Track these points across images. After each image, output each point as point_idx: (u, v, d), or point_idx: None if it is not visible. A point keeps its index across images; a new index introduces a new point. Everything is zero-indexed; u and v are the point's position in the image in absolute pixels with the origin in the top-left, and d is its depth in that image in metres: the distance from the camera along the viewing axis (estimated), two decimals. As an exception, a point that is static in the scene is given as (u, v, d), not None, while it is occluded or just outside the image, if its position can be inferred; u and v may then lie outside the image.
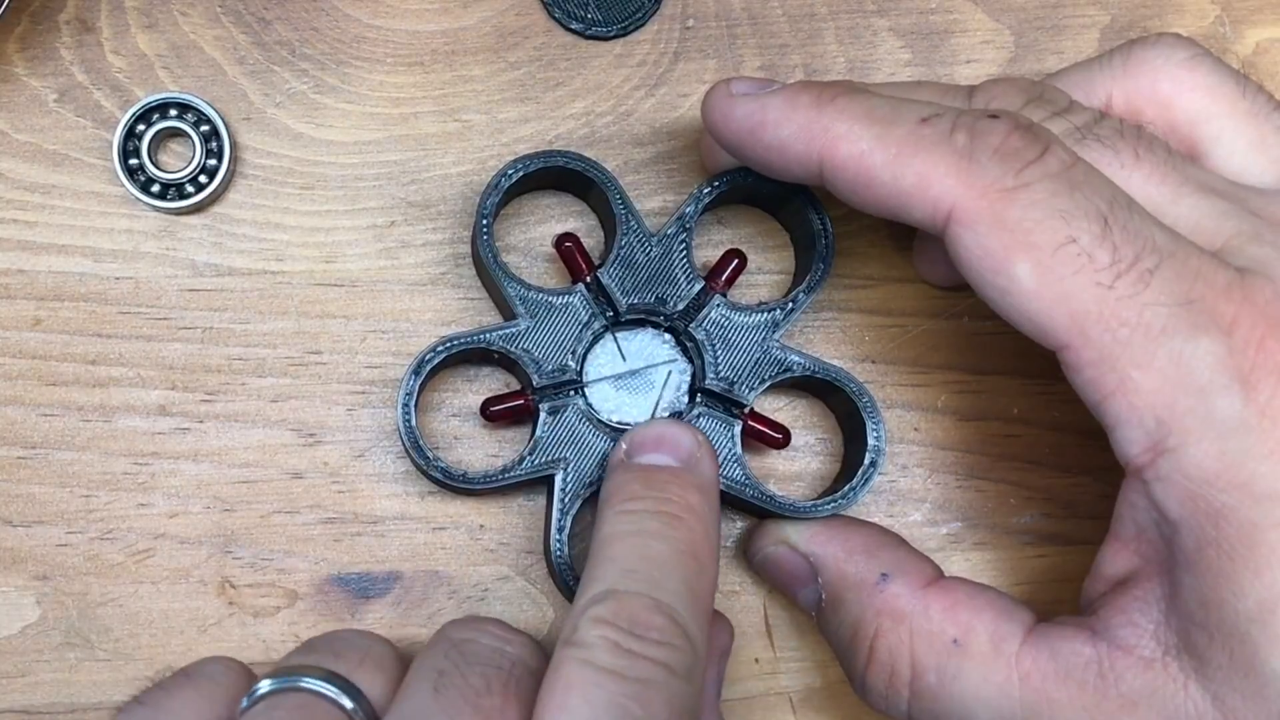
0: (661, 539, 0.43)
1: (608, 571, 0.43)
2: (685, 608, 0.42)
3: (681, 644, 0.41)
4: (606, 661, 0.40)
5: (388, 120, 0.53)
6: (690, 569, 0.43)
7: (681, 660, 0.41)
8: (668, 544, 0.43)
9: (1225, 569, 0.40)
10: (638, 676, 0.40)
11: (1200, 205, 0.43)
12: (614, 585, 0.42)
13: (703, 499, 0.45)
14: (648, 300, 0.50)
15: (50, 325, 0.52)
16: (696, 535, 0.44)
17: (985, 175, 0.41)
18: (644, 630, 0.41)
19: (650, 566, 0.43)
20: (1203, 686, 0.41)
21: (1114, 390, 0.41)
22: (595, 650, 0.40)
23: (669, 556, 0.43)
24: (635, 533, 0.44)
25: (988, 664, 0.44)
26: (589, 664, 0.40)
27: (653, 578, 0.42)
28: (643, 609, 0.41)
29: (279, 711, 0.41)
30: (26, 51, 0.53)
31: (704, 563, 0.44)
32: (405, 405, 0.49)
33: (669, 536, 0.43)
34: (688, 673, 0.41)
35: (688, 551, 0.43)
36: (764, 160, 0.46)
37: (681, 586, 0.42)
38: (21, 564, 0.51)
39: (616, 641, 0.40)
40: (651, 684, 0.40)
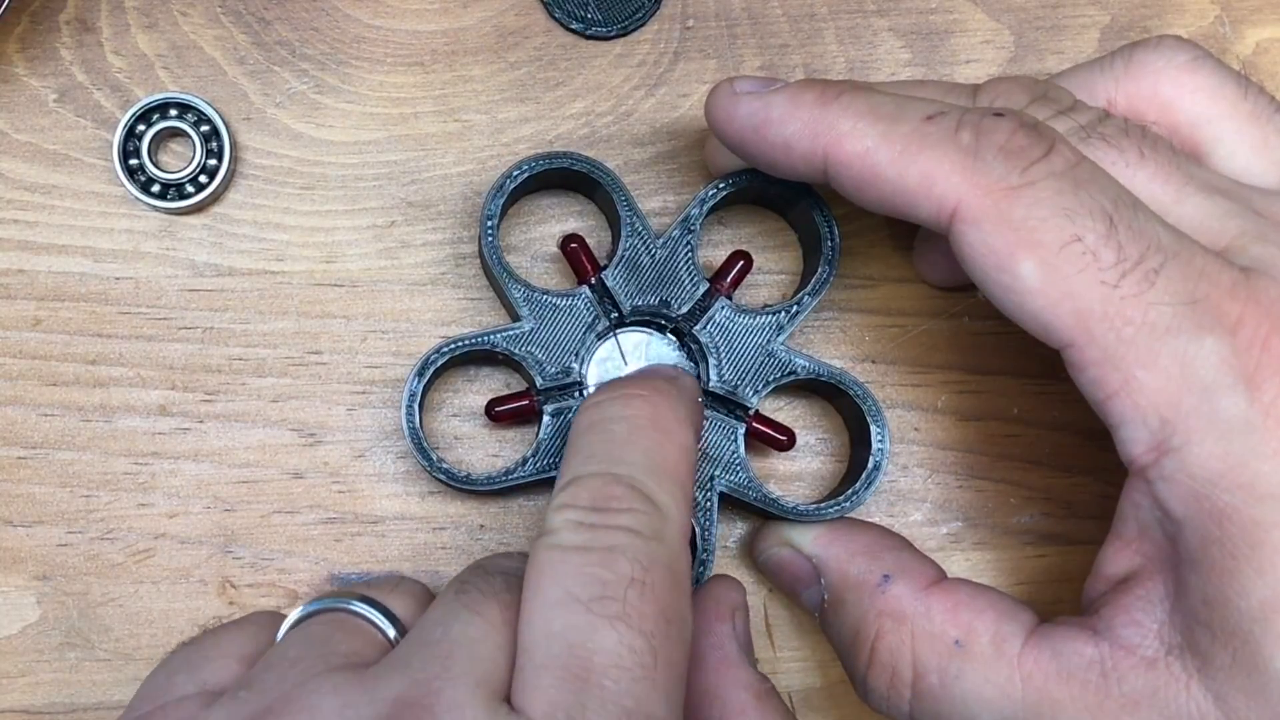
0: (620, 420, 0.44)
1: (571, 464, 0.44)
2: (646, 474, 0.43)
3: (643, 506, 0.42)
4: (570, 540, 0.41)
5: (388, 120, 0.53)
6: (651, 439, 0.44)
7: (646, 522, 0.42)
8: (625, 423, 0.44)
9: (1229, 568, 0.39)
10: (601, 545, 0.41)
11: (1205, 205, 0.43)
12: (575, 473, 0.43)
13: (669, 383, 0.46)
14: (652, 302, 0.50)
15: (50, 325, 0.52)
16: (660, 408, 0.45)
17: (990, 173, 0.41)
18: (604, 503, 0.42)
19: (609, 447, 0.43)
20: (1205, 686, 0.40)
21: (1118, 389, 0.40)
22: (560, 534, 0.41)
23: (626, 433, 0.44)
24: (595, 422, 0.45)
25: (990, 665, 0.43)
26: (555, 547, 0.41)
27: (610, 455, 0.43)
28: (601, 485, 0.42)
29: (316, 625, 0.43)
30: (26, 51, 0.53)
31: (669, 431, 0.44)
32: (409, 407, 0.49)
33: (625, 416, 0.44)
34: (656, 533, 0.41)
35: (647, 425, 0.44)
36: (768, 159, 0.46)
37: (641, 456, 0.43)
38: (22, 564, 0.51)
39: (579, 520, 0.41)
40: (615, 549, 0.41)
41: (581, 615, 0.39)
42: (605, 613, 0.39)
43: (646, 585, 0.40)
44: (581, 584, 0.40)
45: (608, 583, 0.40)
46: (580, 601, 0.39)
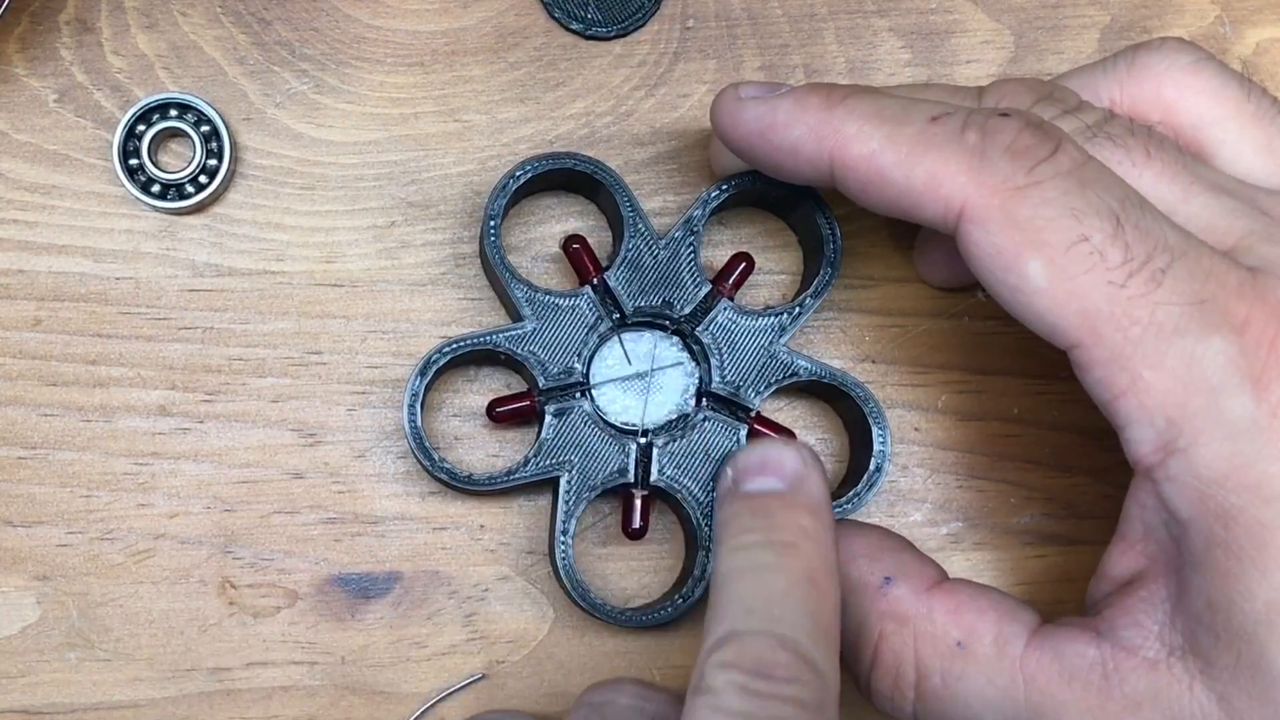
0: (777, 571, 0.42)
1: (727, 613, 0.42)
2: (808, 638, 0.41)
3: (809, 678, 0.40)
4: (736, 706, 0.39)
5: (388, 120, 0.53)
6: (809, 597, 0.42)
7: (811, 694, 0.40)
8: (784, 575, 0.42)
9: (1234, 570, 0.39)
10: (767, 716, 0.39)
11: (1211, 204, 0.43)
12: (734, 626, 0.41)
13: (814, 520, 0.44)
14: (654, 303, 0.50)
15: (50, 325, 0.52)
16: (812, 561, 0.43)
17: (997, 173, 0.41)
18: (769, 669, 0.40)
19: (769, 603, 0.42)
20: (1208, 687, 0.40)
21: (1125, 390, 0.40)
22: (723, 696, 0.40)
23: (786, 589, 0.42)
24: (750, 568, 0.43)
25: (992, 666, 0.43)
26: (719, 710, 0.39)
27: (772, 614, 0.41)
28: (766, 648, 0.40)
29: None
30: (26, 51, 0.53)
31: (823, 588, 0.43)
32: (411, 406, 0.49)
33: (784, 567, 0.42)
34: (819, 705, 0.40)
35: (804, 580, 0.42)
36: (774, 162, 0.46)
37: (802, 618, 0.41)
38: (22, 564, 0.51)
39: (743, 685, 0.40)
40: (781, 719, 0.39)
41: None
42: None
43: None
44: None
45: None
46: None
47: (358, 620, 0.51)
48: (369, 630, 0.51)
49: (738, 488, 0.45)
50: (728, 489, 0.45)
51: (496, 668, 0.51)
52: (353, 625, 0.51)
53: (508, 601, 0.51)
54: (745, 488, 0.45)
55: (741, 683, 0.40)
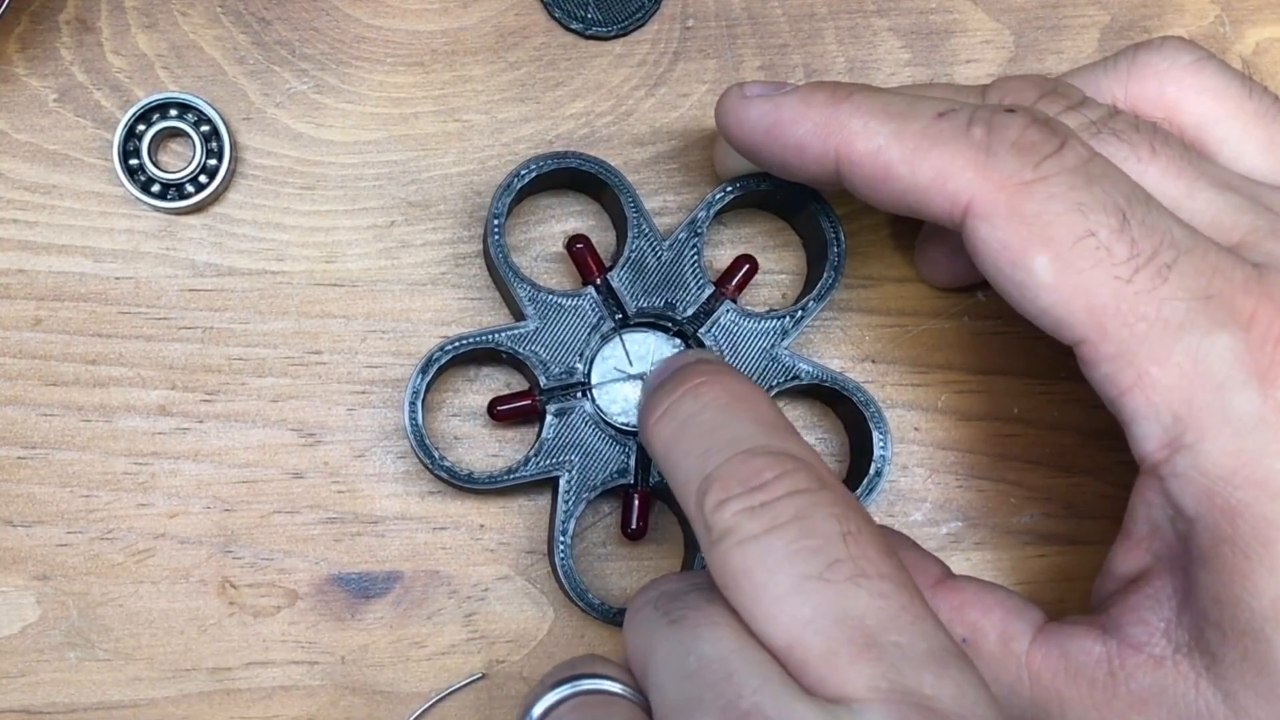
0: (703, 409, 0.42)
1: (689, 469, 0.41)
2: (770, 438, 0.41)
3: (791, 464, 0.40)
4: (755, 528, 0.38)
5: (388, 120, 0.53)
6: (745, 408, 0.42)
7: (806, 477, 0.39)
8: (711, 408, 0.42)
9: (1241, 566, 0.39)
10: (789, 517, 0.38)
11: (1216, 200, 0.42)
12: (704, 471, 0.40)
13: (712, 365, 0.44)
14: (657, 304, 0.50)
15: (50, 325, 0.51)
16: (727, 383, 0.43)
17: (1003, 168, 0.41)
18: (758, 480, 0.39)
19: (714, 434, 0.41)
20: (1214, 684, 0.40)
21: (1131, 385, 0.40)
22: (739, 528, 0.39)
23: (721, 413, 0.42)
24: (681, 424, 0.42)
25: (997, 663, 0.43)
26: (744, 542, 0.38)
27: (725, 439, 0.41)
28: (741, 465, 0.40)
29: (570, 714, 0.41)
30: (26, 51, 0.52)
31: (752, 398, 0.42)
32: (412, 403, 0.49)
33: (707, 402, 0.42)
34: (820, 483, 0.39)
35: (731, 400, 0.42)
36: (780, 160, 0.45)
37: (753, 425, 0.41)
38: (21, 564, 0.51)
39: (747, 506, 0.39)
40: (802, 512, 0.38)
41: (825, 590, 0.37)
42: (842, 576, 0.37)
43: (854, 532, 0.38)
44: (803, 562, 0.38)
45: (822, 548, 0.38)
46: (813, 578, 0.37)
47: (358, 620, 0.51)
48: (369, 630, 0.51)
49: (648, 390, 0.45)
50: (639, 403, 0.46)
51: (496, 668, 0.51)
52: (353, 625, 0.51)
53: (508, 601, 0.51)
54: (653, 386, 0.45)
55: (744, 505, 0.39)
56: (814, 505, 0.39)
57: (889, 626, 0.37)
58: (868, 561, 0.38)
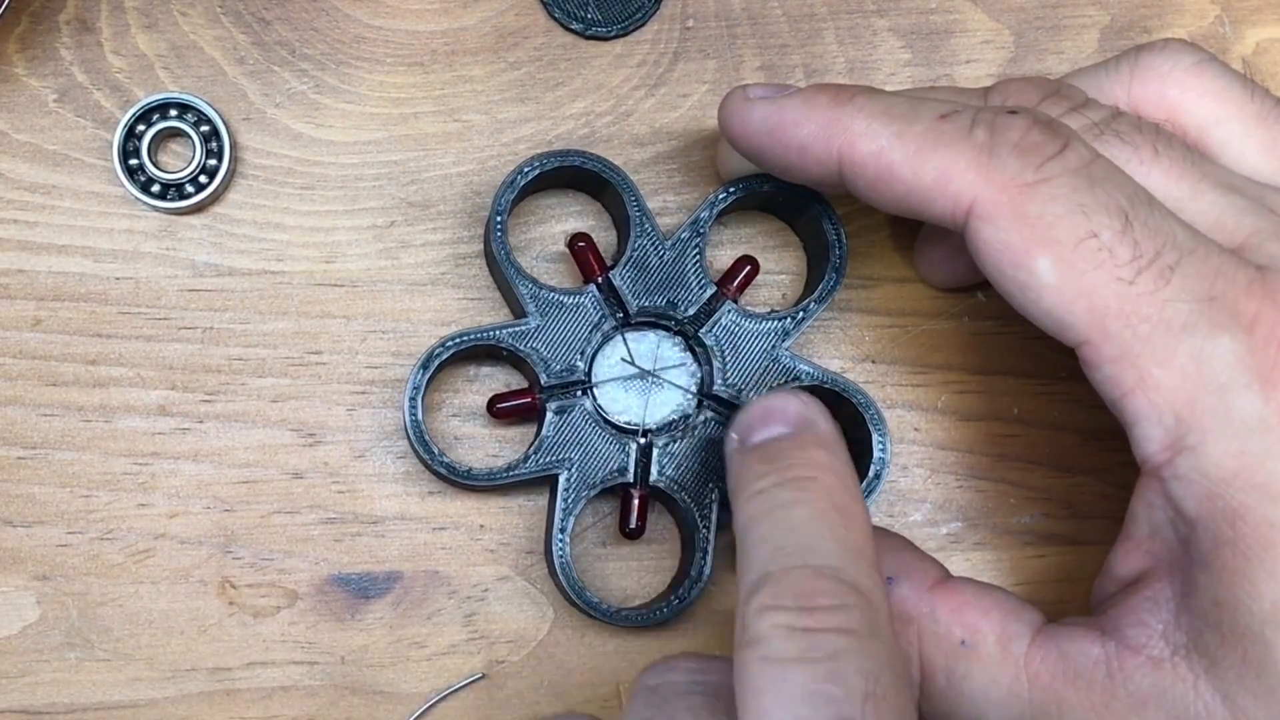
0: (798, 505, 0.41)
1: (756, 558, 0.40)
2: (845, 563, 0.39)
3: (855, 600, 0.38)
4: (786, 651, 0.37)
5: (388, 120, 0.53)
6: (837, 523, 0.40)
7: (860, 618, 0.38)
8: (806, 507, 0.41)
9: (1241, 569, 0.39)
10: (823, 654, 0.37)
11: (1220, 202, 0.42)
12: (767, 568, 0.39)
13: (827, 454, 0.43)
14: (659, 303, 0.50)
15: (50, 325, 0.51)
16: (833, 490, 0.41)
17: (1006, 170, 0.41)
18: (811, 601, 0.38)
19: (796, 536, 0.40)
20: (1213, 686, 0.40)
21: (1133, 387, 0.40)
22: (771, 643, 0.38)
23: (811, 519, 0.40)
24: (770, 510, 0.41)
25: (996, 665, 0.43)
26: (769, 660, 0.37)
27: (802, 545, 0.40)
28: (804, 581, 0.38)
29: None
30: (26, 51, 0.52)
31: (850, 513, 0.41)
32: (412, 400, 0.48)
33: (805, 500, 0.41)
34: (872, 629, 0.38)
35: (828, 509, 0.41)
36: (782, 162, 0.45)
37: (835, 544, 0.40)
38: (21, 564, 0.50)
39: (789, 624, 0.38)
40: (839, 655, 0.37)
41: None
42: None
43: (878, 696, 0.37)
44: (812, 706, 0.36)
45: (839, 701, 0.36)
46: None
47: (358, 620, 0.51)
48: (369, 630, 0.50)
49: (745, 443, 0.44)
50: (734, 448, 0.44)
51: (496, 668, 0.51)
52: (353, 625, 0.51)
53: (508, 601, 0.51)
54: (752, 440, 0.44)
55: (786, 623, 0.38)
56: (853, 652, 0.37)
57: None
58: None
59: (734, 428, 0.45)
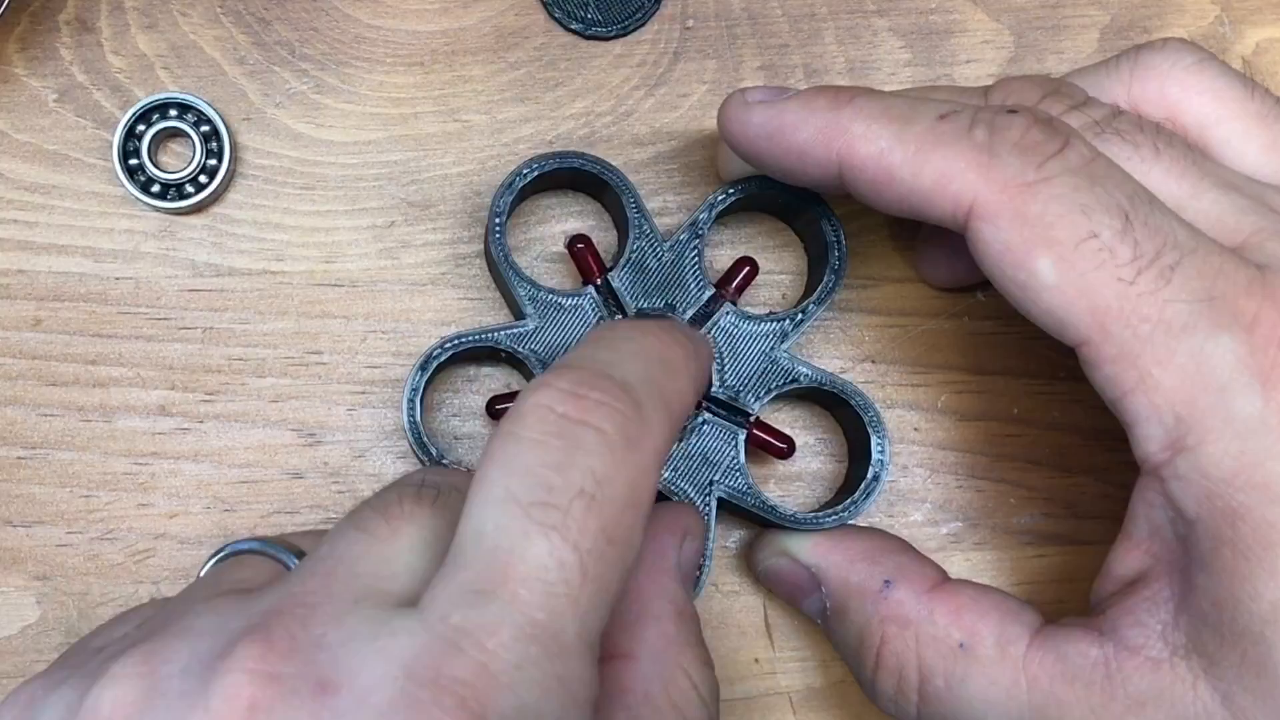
0: (627, 339, 0.39)
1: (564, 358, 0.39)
2: (640, 383, 0.37)
3: (625, 406, 0.37)
4: (532, 431, 0.36)
5: (388, 120, 0.52)
6: (656, 364, 0.39)
7: (622, 423, 0.36)
8: (633, 343, 0.39)
9: (1241, 569, 0.39)
10: (562, 440, 0.36)
11: (1220, 201, 0.42)
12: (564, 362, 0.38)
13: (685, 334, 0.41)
14: (658, 305, 0.49)
15: (50, 325, 0.51)
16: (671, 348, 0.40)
17: (1006, 169, 0.40)
18: (583, 390, 0.36)
19: (609, 353, 0.38)
20: (1213, 686, 0.40)
21: (1134, 387, 0.40)
22: (524, 419, 0.36)
23: (633, 350, 0.39)
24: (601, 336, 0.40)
25: (994, 667, 0.43)
26: (512, 435, 0.36)
27: (608, 359, 0.38)
28: (587, 375, 0.37)
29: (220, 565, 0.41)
30: (26, 51, 0.52)
31: (674, 368, 0.39)
32: (411, 401, 0.48)
33: (635, 338, 0.40)
34: (628, 439, 0.36)
35: (656, 354, 0.39)
36: (782, 165, 0.45)
37: (641, 369, 0.38)
38: (21, 564, 0.50)
39: (549, 406, 0.36)
40: (577, 448, 0.36)
41: (516, 519, 0.35)
42: (542, 520, 0.34)
43: (596, 500, 0.35)
44: (526, 485, 0.35)
45: (554, 488, 0.35)
46: (519, 503, 0.35)
47: (357, 620, 0.50)
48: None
49: None
50: None
51: (496, 668, 0.50)
52: (352, 625, 0.50)
53: (507, 601, 0.51)
54: None
55: (549, 403, 0.36)
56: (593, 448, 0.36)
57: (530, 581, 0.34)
58: (580, 530, 0.35)
59: None
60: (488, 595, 0.34)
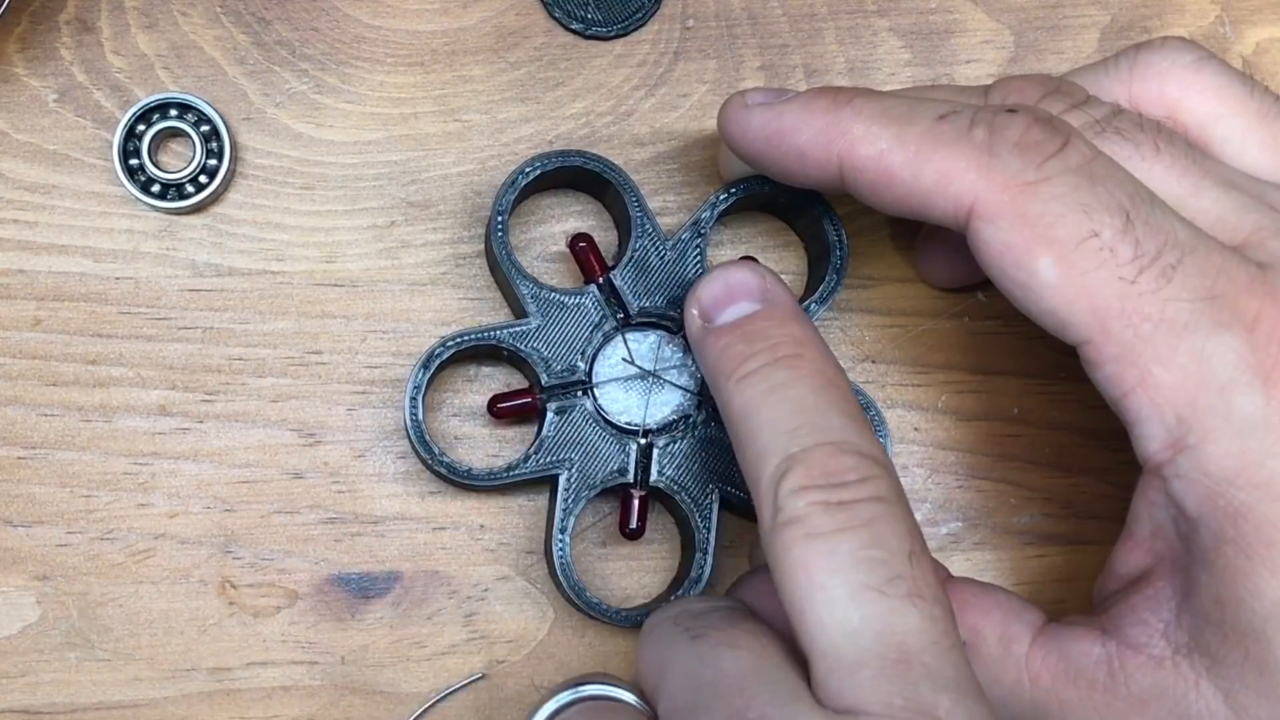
0: (797, 384, 0.42)
1: (770, 441, 0.41)
2: (857, 435, 0.41)
3: (877, 470, 0.40)
4: (828, 525, 0.38)
5: (388, 120, 0.52)
6: (837, 397, 0.42)
7: (886, 485, 0.40)
8: (804, 384, 0.42)
9: (1243, 568, 0.39)
10: (862, 522, 0.38)
11: (1221, 199, 0.42)
12: (788, 450, 0.40)
13: (803, 327, 0.44)
14: (659, 304, 0.49)
15: (50, 325, 0.51)
16: (820, 363, 0.43)
17: (1006, 169, 0.40)
18: (841, 477, 0.39)
19: (808, 415, 0.41)
20: (1215, 685, 0.40)
21: (1135, 386, 0.40)
22: (811, 519, 0.39)
23: (814, 396, 0.41)
24: (770, 391, 0.42)
25: (997, 665, 0.43)
26: (813, 535, 0.38)
27: (816, 424, 0.41)
28: (829, 457, 0.40)
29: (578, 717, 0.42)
30: (26, 51, 0.52)
31: (841, 384, 0.42)
32: (413, 400, 0.48)
33: (801, 378, 0.42)
34: (895, 493, 0.40)
35: (824, 383, 0.42)
36: (782, 167, 0.45)
37: (842, 417, 0.41)
38: (21, 564, 0.50)
39: (825, 500, 0.39)
40: (876, 521, 0.38)
41: (879, 602, 0.37)
42: (900, 592, 0.38)
43: (918, 553, 0.39)
44: (865, 569, 0.38)
45: (888, 561, 0.38)
46: (872, 589, 0.37)
47: (358, 620, 0.50)
48: (369, 630, 0.50)
49: (712, 323, 0.45)
50: (701, 328, 0.45)
51: (496, 668, 0.50)
52: (353, 625, 0.50)
53: (508, 601, 0.51)
54: (722, 319, 0.45)
55: (822, 499, 0.39)
56: (887, 517, 0.39)
57: (926, 649, 0.37)
58: (925, 584, 0.38)
59: (693, 304, 0.46)
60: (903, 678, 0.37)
